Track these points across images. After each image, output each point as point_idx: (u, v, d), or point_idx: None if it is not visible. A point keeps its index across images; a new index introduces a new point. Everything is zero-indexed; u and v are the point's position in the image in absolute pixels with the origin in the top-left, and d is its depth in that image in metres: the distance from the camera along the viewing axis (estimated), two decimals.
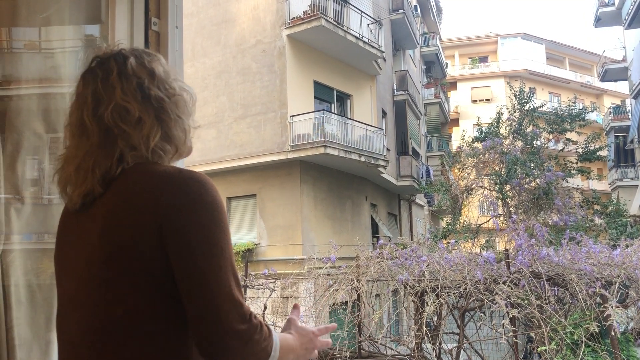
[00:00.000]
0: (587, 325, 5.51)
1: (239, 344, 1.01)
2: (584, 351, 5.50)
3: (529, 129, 16.16)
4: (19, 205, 1.75)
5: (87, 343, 1.05)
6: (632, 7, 23.10)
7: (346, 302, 6.86)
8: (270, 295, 8.08)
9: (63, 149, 1.17)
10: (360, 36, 16.54)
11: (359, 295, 6.71)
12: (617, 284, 5.58)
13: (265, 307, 7.76)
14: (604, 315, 5.18)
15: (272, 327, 1.10)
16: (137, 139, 1.11)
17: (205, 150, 15.92)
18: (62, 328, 1.14)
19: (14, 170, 1.78)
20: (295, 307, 1.35)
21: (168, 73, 1.19)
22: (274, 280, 8.52)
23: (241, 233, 15.46)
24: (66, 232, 1.18)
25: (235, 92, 15.99)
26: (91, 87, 1.13)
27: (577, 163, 16.81)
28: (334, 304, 7.00)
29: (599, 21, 27.43)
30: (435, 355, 6.14)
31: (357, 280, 6.73)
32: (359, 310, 6.69)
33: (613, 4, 26.39)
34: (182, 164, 1.43)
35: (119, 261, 1.03)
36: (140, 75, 1.13)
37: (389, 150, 19.51)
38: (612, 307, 5.10)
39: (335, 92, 17.03)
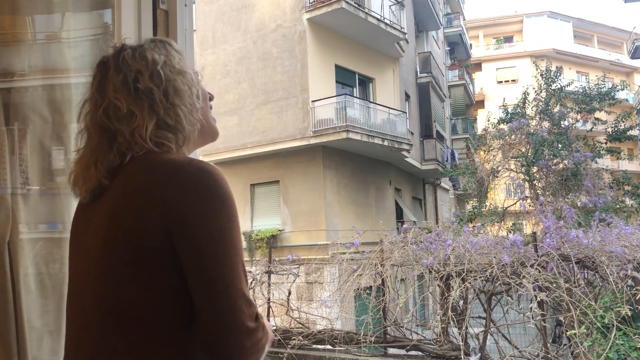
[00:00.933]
0: (618, 309, 5.37)
1: (250, 343, 1.01)
2: (615, 335, 5.37)
3: (556, 109, 15.77)
4: (32, 197, 1.74)
5: (93, 328, 1.04)
6: None
7: (370, 287, 6.81)
8: (294, 280, 8.08)
9: (76, 151, 1.21)
10: (382, 18, 16.30)
11: (383, 280, 6.65)
12: None
13: (289, 293, 7.76)
14: (637, 298, 5.03)
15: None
16: (131, 132, 1.10)
17: (228, 137, 15.96)
18: (70, 314, 1.14)
19: (30, 160, 1.77)
20: None
21: (160, 59, 1.16)
22: (298, 266, 8.50)
23: (265, 219, 15.52)
24: (78, 223, 1.20)
25: (256, 77, 15.95)
26: (91, 91, 1.17)
27: (606, 143, 16.37)
28: (358, 289, 6.97)
29: None
30: (462, 339, 6.06)
31: (381, 265, 6.67)
32: (384, 295, 6.64)
33: None
34: (195, 154, 1.39)
35: (124, 249, 1.02)
36: (131, 67, 1.13)
37: (412, 133, 19.30)
38: None
39: (357, 75, 16.86)
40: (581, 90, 16.87)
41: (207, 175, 1.03)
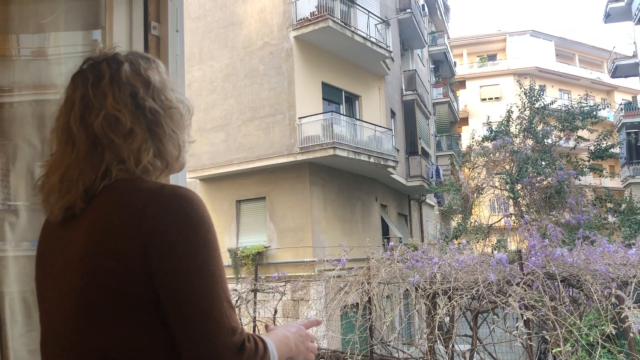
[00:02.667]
0: (602, 327, 5.42)
1: None
2: (599, 353, 5.40)
3: (540, 127, 16.00)
4: (17, 213, 1.73)
5: None
6: None
7: (357, 304, 6.80)
8: (280, 298, 8.04)
9: (49, 155, 1.10)
10: (368, 36, 16.47)
11: (370, 298, 6.65)
12: (634, 284, 5.47)
13: (275, 311, 7.72)
14: (621, 316, 5.08)
15: (265, 338, 1.04)
16: (127, 152, 1.04)
17: (214, 153, 15.93)
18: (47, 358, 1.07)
19: (14, 177, 1.75)
20: (267, 327, 1.24)
21: (164, 82, 1.11)
22: (284, 284, 8.47)
23: (251, 236, 15.45)
24: (47, 250, 1.11)
25: (243, 94, 15.98)
26: (80, 91, 1.06)
27: (589, 161, 16.63)
28: (344, 307, 6.95)
29: (609, 17, 27.20)
30: (449, 357, 6.06)
31: (368, 283, 6.67)
32: (370, 313, 6.62)
33: (623, 0, 26.14)
34: (175, 178, 1.38)
35: (101, 286, 0.96)
36: (134, 83, 1.06)
37: (398, 150, 19.43)
38: (629, 308, 4.99)
39: (343, 93, 16.97)
40: (564, 109, 17.15)
41: (182, 202, 0.97)
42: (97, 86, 1.05)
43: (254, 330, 7.55)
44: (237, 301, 7.63)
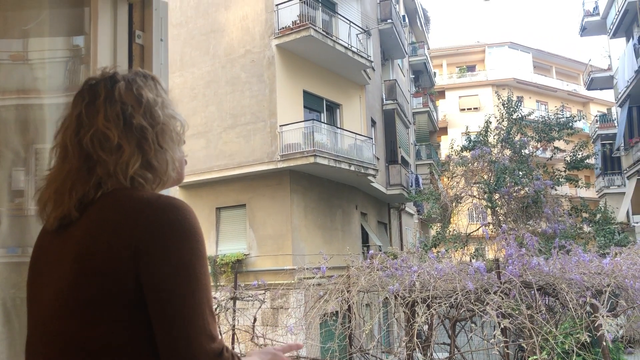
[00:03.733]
0: (577, 335, 5.51)
1: None
2: None
3: (517, 138, 16.26)
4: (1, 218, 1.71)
5: None
6: (616, 17, 23.43)
7: (337, 312, 6.81)
8: (260, 306, 8.00)
9: (48, 169, 1.16)
10: (349, 46, 16.59)
11: (349, 306, 6.66)
12: (607, 293, 5.58)
13: (255, 319, 7.68)
14: (595, 324, 5.18)
15: (240, 356, 1.06)
16: (115, 166, 1.08)
17: (194, 160, 15.82)
18: (31, 357, 1.10)
19: None
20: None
21: (156, 100, 1.16)
22: (264, 292, 8.44)
23: (231, 243, 15.37)
24: (42, 253, 1.15)
25: (224, 101, 15.95)
26: (76, 110, 1.13)
27: (565, 171, 16.94)
28: (324, 315, 6.95)
29: (585, 30, 27.79)
30: None
31: (348, 291, 6.69)
32: (350, 321, 6.64)
33: (598, 14, 26.75)
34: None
35: (90, 288, 0.99)
36: (125, 101, 1.12)
37: (378, 159, 19.54)
38: (602, 316, 5.09)
39: (324, 101, 17.04)
40: (541, 120, 17.45)
41: (175, 211, 1.02)
42: (92, 105, 1.11)
43: (233, 339, 7.50)
44: (216, 309, 7.58)
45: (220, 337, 1.03)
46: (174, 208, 1.03)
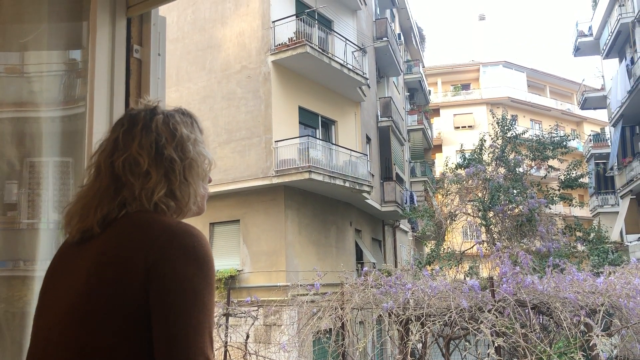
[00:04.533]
0: (572, 354, 5.48)
1: None
2: None
3: (512, 156, 16.33)
4: None
5: None
6: (609, 37, 23.74)
7: (330, 330, 6.76)
8: (252, 323, 7.94)
9: (80, 186, 1.24)
10: (345, 63, 16.69)
11: (343, 323, 6.62)
12: (602, 312, 5.56)
13: (247, 336, 7.61)
14: (589, 344, 5.16)
15: None
16: (140, 190, 1.15)
17: None
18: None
19: None
20: None
21: (189, 136, 1.24)
22: (257, 308, 8.37)
23: (224, 259, 15.28)
24: (60, 262, 1.21)
25: (219, 117, 15.97)
26: (114, 135, 1.21)
27: (559, 190, 16.99)
28: (317, 333, 6.90)
29: (578, 51, 28.10)
30: None
31: (342, 308, 6.65)
32: (343, 339, 6.59)
33: (591, 35, 27.09)
34: None
35: (100, 299, 1.04)
36: (160, 132, 1.20)
37: (373, 175, 19.56)
38: (597, 335, 5.07)
39: (320, 117, 17.10)
40: (535, 139, 17.55)
41: (192, 238, 1.09)
42: (129, 132, 1.20)
43: (225, 356, 7.42)
44: None
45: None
46: (191, 235, 1.10)
